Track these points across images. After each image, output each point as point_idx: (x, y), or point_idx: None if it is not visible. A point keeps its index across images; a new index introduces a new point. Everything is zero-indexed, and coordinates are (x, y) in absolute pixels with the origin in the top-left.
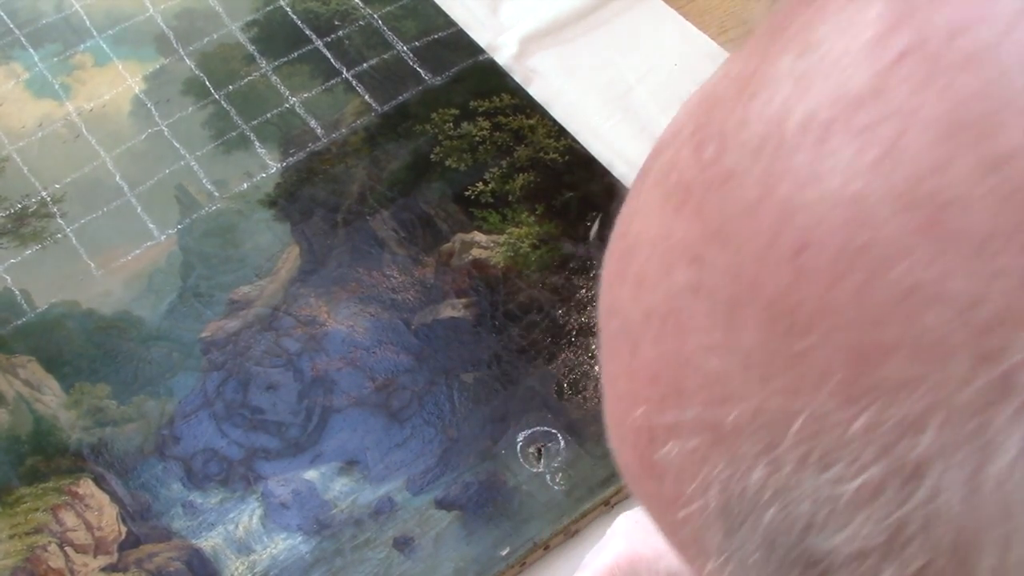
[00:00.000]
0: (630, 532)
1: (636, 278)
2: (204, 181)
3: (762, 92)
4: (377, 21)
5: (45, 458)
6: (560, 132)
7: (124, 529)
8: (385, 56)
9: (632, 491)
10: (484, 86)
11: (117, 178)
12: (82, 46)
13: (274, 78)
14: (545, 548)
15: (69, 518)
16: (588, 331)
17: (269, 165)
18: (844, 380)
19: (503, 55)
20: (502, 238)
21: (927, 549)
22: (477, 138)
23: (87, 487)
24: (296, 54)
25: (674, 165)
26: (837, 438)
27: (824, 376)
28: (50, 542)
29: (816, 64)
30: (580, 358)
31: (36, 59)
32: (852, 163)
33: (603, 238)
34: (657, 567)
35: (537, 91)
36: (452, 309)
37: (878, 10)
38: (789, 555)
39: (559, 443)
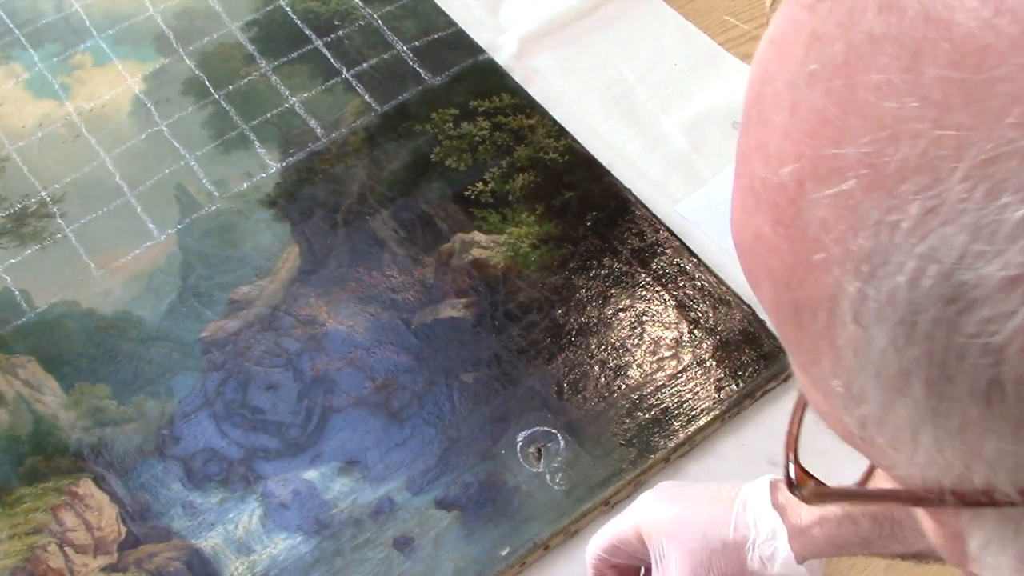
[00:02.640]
0: (660, 492)
1: (809, 37)
2: (204, 181)
3: None
4: (377, 21)
5: (45, 458)
6: (560, 132)
7: (124, 529)
8: (385, 56)
9: (752, 267)
10: (484, 86)
11: (117, 178)
12: (82, 46)
13: (274, 78)
14: (545, 548)
15: (69, 518)
16: (588, 331)
17: (269, 165)
18: None
19: (503, 55)
20: (502, 238)
21: None
22: (477, 138)
23: (87, 487)
24: (296, 54)
25: None
26: (1013, 167)
27: (1008, 107)
28: (50, 542)
29: None
30: (580, 358)
31: (36, 59)
32: None
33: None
34: (675, 515)
35: (537, 91)
36: (452, 309)
37: None
38: (933, 291)
39: (559, 443)
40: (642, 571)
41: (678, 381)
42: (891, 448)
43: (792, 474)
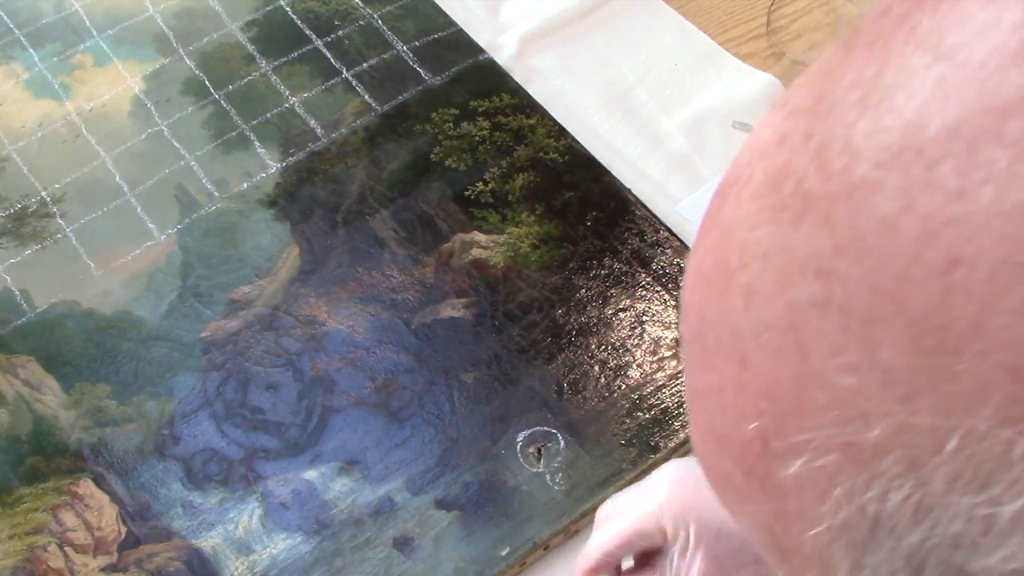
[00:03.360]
0: (682, 479)
1: (745, 291)
2: (204, 181)
3: (892, 98)
4: (377, 21)
5: (45, 458)
6: (560, 132)
7: (124, 529)
8: (385, 56)
9: (728, 503)
10: (484, 86)
11: (117, 178)
12: (82, 46)
13: (274, 78)
14: (545, 548)
15: (69, 518)
16: (588, 331)
17: (269, 165)
18: (1005, 400)
19: (503, 55)
20: (502, 238)
21: None
22: (477, 138)
23: (87, 487)
24: (296, 54)
25: (788, 173)
26: (996, 459)
27: (982, 396)
28: (50, 542)
29: (955, 70)
30: (580, 358)
31: (36, 59)
32: (1008, 173)
33: None
34: (709, 518)
35: (537, 91)
36: (452, 309)
37: (1014, 18)
38: (938, 572)
39: (559, 443)
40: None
41: (678, 381)
42: None
43: None
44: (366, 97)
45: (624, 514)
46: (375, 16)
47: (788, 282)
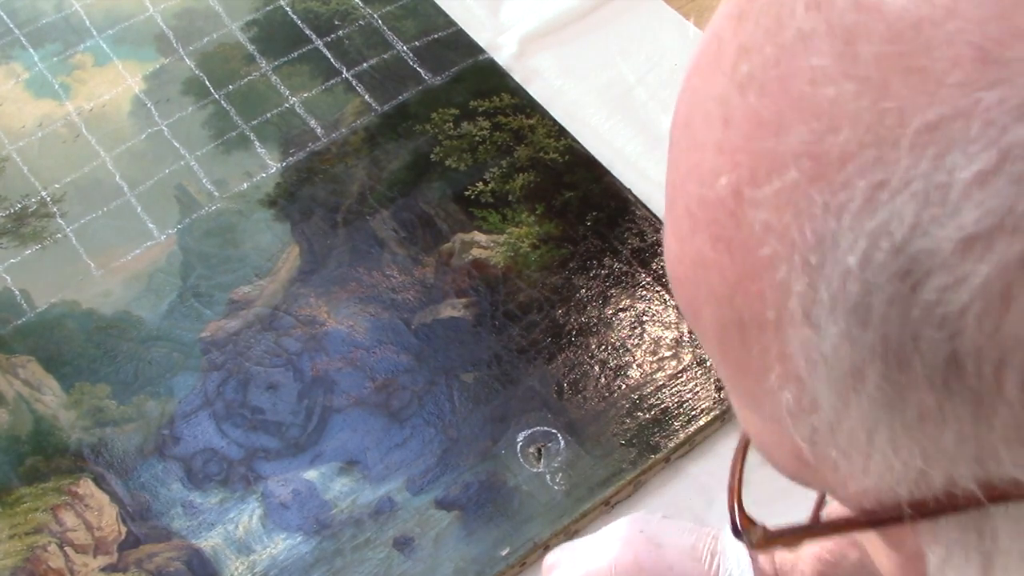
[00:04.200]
0: (633, 540)
1: (738, 50)
2: (204, 181)
3: None
4: (377, 21)
5: (45, 458)
6: (560, 132)
7: (124, 529)
8: (385, 56)
9: (692, 296)
10: (484, 86)
11: (117, 178)
12: (82, 46)
13: (274, 78)
14: (545, 548)
15: (69, 518)
16: (588, 331)
17: (269, 165)
18: (969, 71)
19: (503, 55)
20: (502, 238)
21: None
22: (477, 138)
23: (87, 487)
24: (296, 54)
25: None
26: (957, 128)
27: (948, 70)
28: (50, 542)
29: None
30: (580, 358)
31: (36, 59)
32: None
33: None
34: None
35: (537, 91)
36: (452, 309)
37: None
38: (886, 267)
39: (559, 443)
40: None
41: (678, 381)
42: (844, 459)
43: (737, 521)
44: (366, 97)
45: (572, 565)
46: (375, 16)
47: (780, 25)
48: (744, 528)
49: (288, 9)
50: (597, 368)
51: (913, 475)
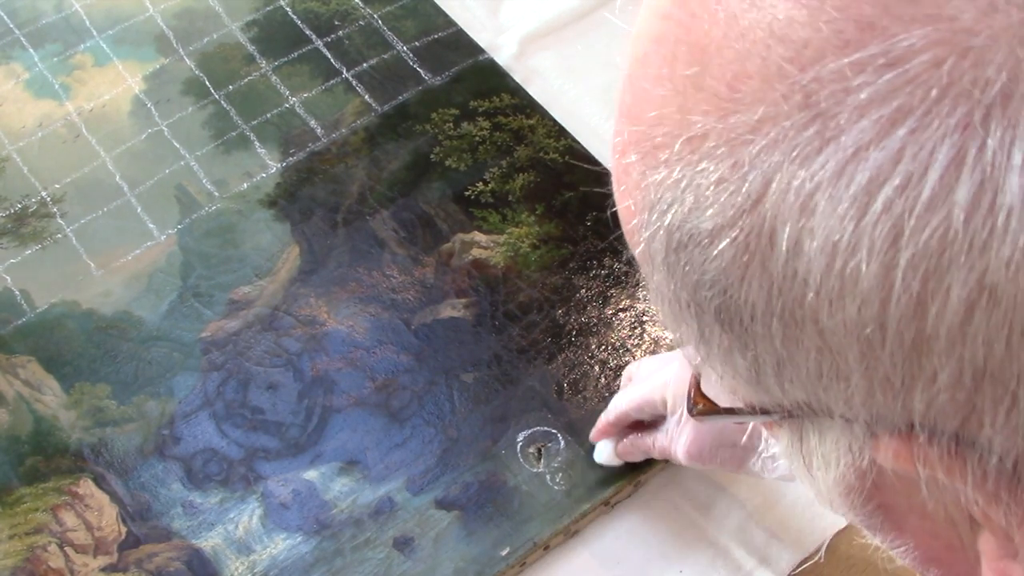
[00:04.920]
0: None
1: (633, 38)
2: (204, 181)
3: None
4: (377, 21)
5: (45, 458)
6: (560, 132)
7: (124, 529)
8: (385, 56)
9: (616, 204)
10: (484, 86)
11: (117, 178)
12: (82, 46)
13: (274, 78)
14: (545, 548)
15: (69, 518)
16: (588, 331)
17: (269, 165)
18: (721, 98)
19: (503, 55)
20: (502, 238)
21: (748, 226)
22: (477, 138)
23: (87, 487)
24: (296, 54)
25: None
26: (709, 143)
27: (711, 96)
28: (50, 542)
29: None
30: (580, 358)
31: (36, 59)
32: None
33: None
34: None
35: (537, 91)
36: (452, 309)
37: None
38: (673, 235)
39: (559, 443)
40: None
41: None
42: (707, 370)
43: (691, 395)
44: (366, 97)
45: (644, 380)
46: (375, 16)
47: (650, 23)
48: (695, 402)
49: (288, 9)
50: (597, 368)
51: (741, 389)
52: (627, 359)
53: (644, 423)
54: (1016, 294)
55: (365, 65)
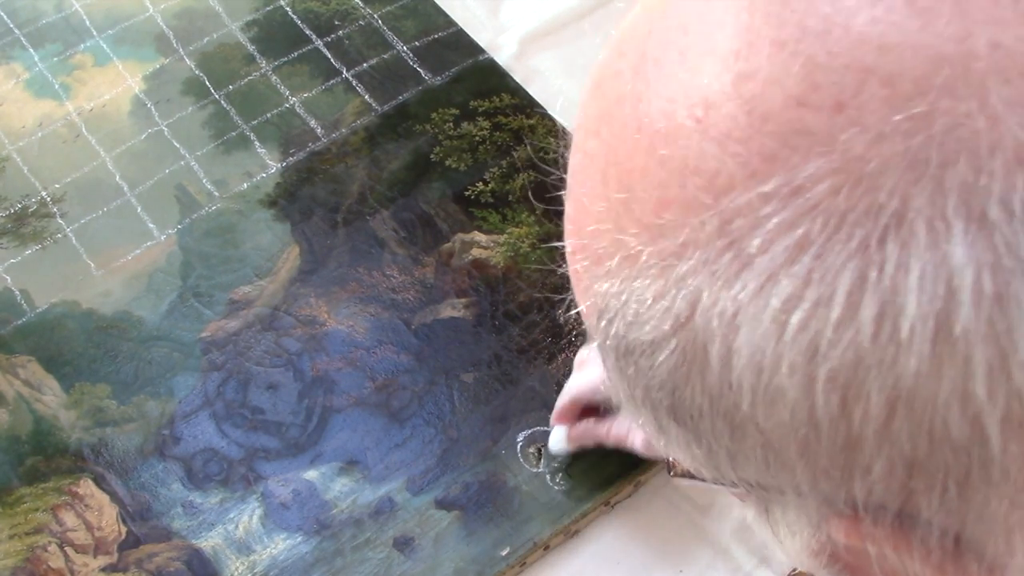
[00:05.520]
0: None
1: (572, 146)
2: (204, 181)
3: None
4: (377, 21)
5: (45, 458)
6: (560, 132)
7: (124, 529)
8: (385, 56)
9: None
10: (484, 86)
11: (117, 178)
12: (82, 46)
13: (274, 78)
14: (545, 548)
15: (69, 518)
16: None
17: (269, 165)
18: (648, 222)
19: (503, 55)
20: (502, 238)
21: (682, 340)
22: (477, 138)
23: (87, 487)
24: (296, 54)
25: (599, 63)
26: (641, 262)
27: (639, 218)
28: (50, 542)
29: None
30: None
31: (36, 59)
32: (669, 75)
33: None
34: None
35: (537, 91)
36: (452, 309)
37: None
38: (617, 346)
39: None
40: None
41: None
42: (665, 449)
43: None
44: (366, 97)
45: (596, 364)
46: (375, 16)
47: (584, 139)
48: (673, 464)
49: (288, 9)
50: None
51: (702, 470)
52: None
53: (599, 409)
54: (929, 396)
55: (365, 65)
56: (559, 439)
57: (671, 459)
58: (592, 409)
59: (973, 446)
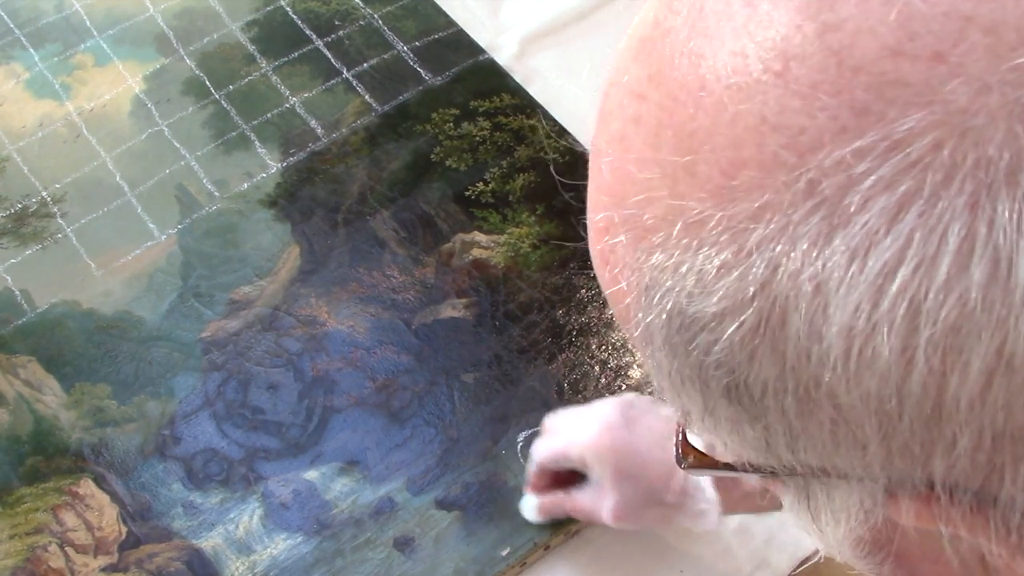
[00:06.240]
0: (612, 425)
1: (604, 113)
2: (204, 181)
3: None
4: (377, 21)
5: (45, 458)
6: (560, 132)
7: (124, 529)
8: (385, 56)
9: (601, 283)
10: (484, 86)
11: (117, 178)
12: (82, 46)
13: (274, 78)
14: (545, 548)
15: (69, 518)
16: (588, 331)
17: (269, 165)
18: (717, 185)
19: (503, 55)
20: (502, 238)
21: (758, 310)
22: (477, 138)
23: (87, 487)
24: (296, 54)
25: (640, 23)
26: (708, 228)
27: (705, 182)
28: (50, 542)
29: None
30: (580, 358)
31: (36, 59)
32: (737, 28)
33: None
34: (627, 464)
35: (537, 91)
36: (452, 309)
37: None
38: (674, 321)
39: None
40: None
41: None
42: (709, 437)
43: (679, 448)
44: (366, 97)
45: (557, 434)
46: (375, 16)
47: (622, 104)
48: (684, 454)
49: (288, 9)
50: (597, 368)
51: (747, 454)
52: (627, 359)
53: (570, 477)
54: None
55: (365, 65)
56: (530, 509)
57: (681, 445)
58: (565, 475)
59: None
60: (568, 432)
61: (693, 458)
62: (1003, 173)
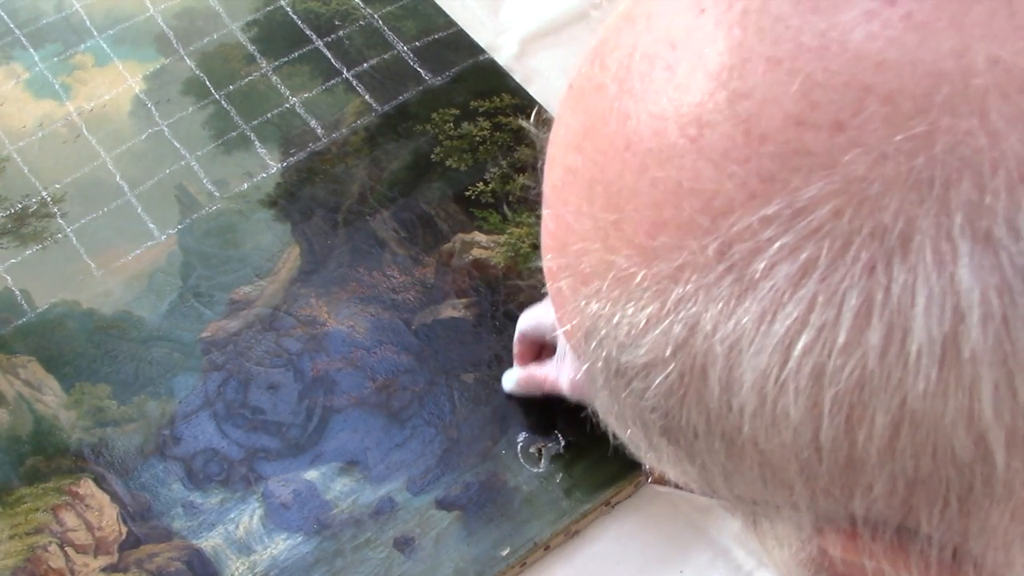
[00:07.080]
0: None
1: (549, 159)
2: (204, 181)
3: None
4: (377, 21)
5: (45, 458)
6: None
7: (124, 529)
8: (385, 56)
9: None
10: (484, 86)
11: (117, 178)
12: (82, 46)
13: (274, 78)
14: (545, 548)
15: (69, 518)
16: None
17: (269, 165)
18: (641, 244)
19: (503, 55)
20: (502, 238)
21: (680, 364)
22: (477, 138)
23: (87, 487)
24: (296, 54)
25: (577, 74)
26: (634, 284)
27: (631, 239)
28: (50, 542)
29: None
30: None
31: (36, 59)
32: (658, 90)
33: None
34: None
35: (537, 91)
36: (452, 309)
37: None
38: (611, 364)
39: (559, 443)
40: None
41: None
42: (655, 464)
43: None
44: (367, 97)
45: (543, 304)
46: (375, 16)
47: (563, 154)
48: (651, 468)
49: (288, 9)
50: None
51: (693, 484)
52: None
53: (545, 354)
54: (935, 417)
55: (365, 65)
56: (509, 381)
57: (648, 467)
58: (549, 353)
59: (977, 463)
60: (547, 302)
61: (658, 473)
62: (897, 241)
